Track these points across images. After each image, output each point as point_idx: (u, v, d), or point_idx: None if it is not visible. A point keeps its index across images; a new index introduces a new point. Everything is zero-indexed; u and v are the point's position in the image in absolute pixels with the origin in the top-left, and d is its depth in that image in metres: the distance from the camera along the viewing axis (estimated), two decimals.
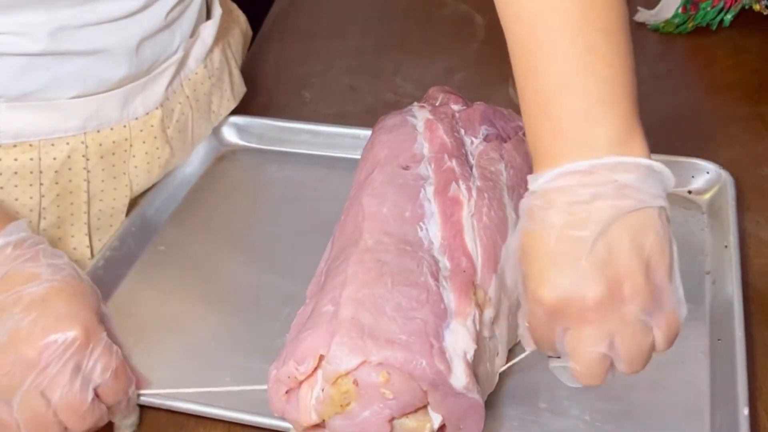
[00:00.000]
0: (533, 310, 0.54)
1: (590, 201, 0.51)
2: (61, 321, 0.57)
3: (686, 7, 1.13)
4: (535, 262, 0.53)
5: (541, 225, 0.53)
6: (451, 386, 0.55)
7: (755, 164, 0.88)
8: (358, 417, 0.55)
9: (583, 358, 0.53)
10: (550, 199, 0.53)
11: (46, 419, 0.57)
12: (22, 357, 0.56)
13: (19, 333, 0.56)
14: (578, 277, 0.51)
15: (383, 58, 1.11)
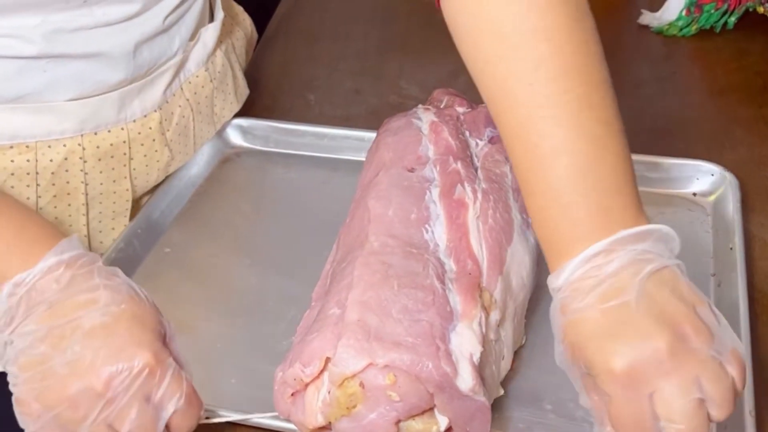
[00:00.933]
0: (613, 392, 0.50)
1: (618, 272, 0.52)
2: (126, 348, 0.54)
3: (690, 9, 1.13)
4: (588, 346, 0.51)
5: (579, 312, 0.52)
6: (457, 388, 0.55)
7: (760, 166, 0.88)
8: (364, 419, 0.55)
9: (682, 411, 0.50)
10: (576, 287, 0.52)
11: None
12: (88, 388, 0.52)
13: (82, 363, 0.53)
14: (639, 334, 0.50)
15: (387, 61, 1.11)
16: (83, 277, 0.56)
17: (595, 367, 0.51)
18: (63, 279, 0.55)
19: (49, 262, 0.55)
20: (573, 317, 0.52)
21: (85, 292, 0.55)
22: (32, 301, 0.55)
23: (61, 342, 0.53)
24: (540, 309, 0.71)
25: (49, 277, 0.55)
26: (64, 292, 0.55)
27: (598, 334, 0.51)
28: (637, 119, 0.98)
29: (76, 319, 0.54)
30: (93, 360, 0.53)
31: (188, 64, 0.83)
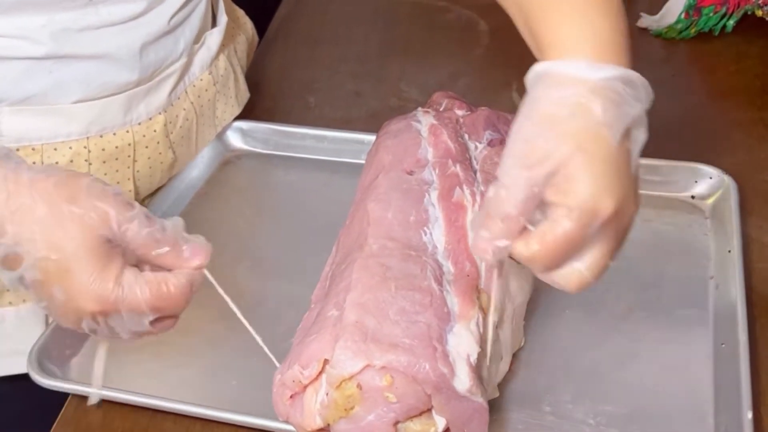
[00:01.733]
0: (583, 218, 0.52)
1: (636, 118, 0.54)
2: (70, 313, 0.56)
3: (689, 12, 1.13)
4: (598, 168, 0.52)
5: (607, 128, 0.52)
6: (454, 389, 0.55)
7: (758, 169, 0.89)
8: (362, 421, 0.56)
9: (601, 269, 0.54)
10: (607, 97, 0.53)
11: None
12: (80, 318, 0.55)
13: (55, 310, 0.56)
14: (632, 191, 0.54)
15: (387, 64, 1.11)
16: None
17: (586, 187, 0.52)
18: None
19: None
20: (596, 127, 0.52)
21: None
22: None
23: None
24: (539, 311, 0.71)
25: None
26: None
27: (611, 163, 0.53)
28: None
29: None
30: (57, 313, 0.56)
31: (193, 68, 0.84)
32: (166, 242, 0.56)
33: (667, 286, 0.74)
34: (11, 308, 0.76)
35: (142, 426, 0.65)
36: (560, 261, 0.54)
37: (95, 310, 0.54)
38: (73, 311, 0.55)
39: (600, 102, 0.53)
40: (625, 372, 0.67)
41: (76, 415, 0.66)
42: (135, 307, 0.55)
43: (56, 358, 0.69)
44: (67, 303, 0.54)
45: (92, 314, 0.54)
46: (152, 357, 0.70)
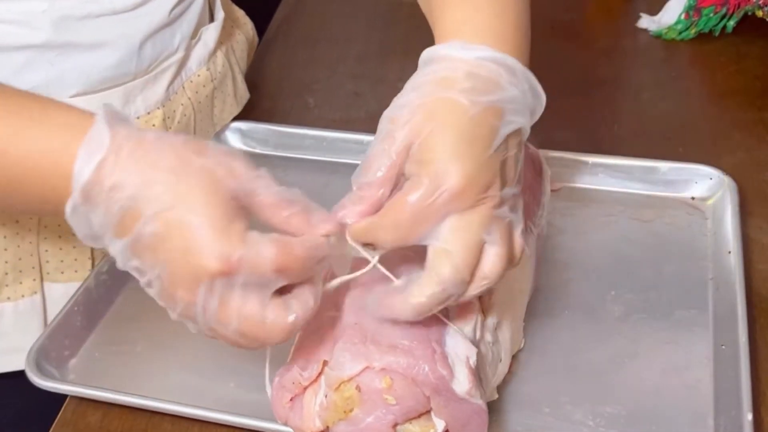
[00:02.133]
0: (430, 189, 0.51)
1: (508, 100, 0.53)
2: (192, 268, 0.49)
3: (689, 13, 1.13)
4: (447, 135, 0.51)
5: (465, 97, 0.52)
6: (453, 392, 0.55)
7: (758, 170, 0.89)
8: (361, 423, 0.55)
9: (462, 246, 0.52)
10: (476, 74, 0.53)
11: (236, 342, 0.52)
12: (181, 301, 0.50)
13: (166, 281, 0.50)
14: (488, 166, 0.52)
15: (387, 64, 1.11)
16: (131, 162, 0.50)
17: (434, 156, 0.51)
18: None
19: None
20: (453, 95, 0.52)
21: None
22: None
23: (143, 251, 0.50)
24: (539, 313, 0.71)
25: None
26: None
27: (463, 131, 0.52)
28: (635, 123, 0.98)
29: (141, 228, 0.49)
30: (171, 279, 0.50)
31: (190, 63, 0.84)
32: (298, 203, 0.52)
33: (667, 287, 0.74)
34: (9, 303, 0.76)
35: (141, 427, 0.65)
36: (408, 233, 0.52)
37: (216, 270, 0.48)
38: (191, 272, 0.48)
39: (462, 75, 0.53)
40: (624, 373, 0.67)
41: (74, 417, 0.66)
42: (258, 268, 0.49)
43: (54, 359, 0.69)
44: (185, 262, 0.48)
45: (212, 275, 0.48)
46: (151, 359, 0.70)
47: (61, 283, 0.77)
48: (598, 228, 0.81)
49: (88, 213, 0.50)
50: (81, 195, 0.49)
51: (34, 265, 0.76)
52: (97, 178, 0.49)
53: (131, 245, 0.50)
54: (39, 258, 0.76)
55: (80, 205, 0.50)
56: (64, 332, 0.70)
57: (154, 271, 0.50)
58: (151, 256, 0.49)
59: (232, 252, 0.48)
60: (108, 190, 0.49)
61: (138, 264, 0.50)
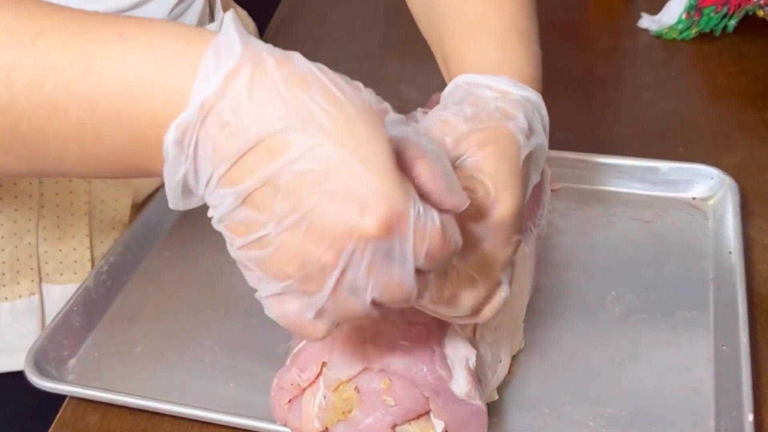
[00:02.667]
0: (480, 209, 0.49)
1: (542, 149, 0.55)
2: (353, 209, 0.39)
3: (690, 13, 1.13)
4: (507, 165, 0.50)
5: (521, 134, 0.52)
6: (452, 393, 0.55)
7: (759, 170, 0.88)
8: (360, 424, 0.55)
9: (488, 281, 0.51)
10: (524, 108, 0.54)
11: (366, 314, 0.43)
12: (317, 260, 0.40)
13: (308, 230, 0.40)
14: (523, 194, 0.52)
15: (387, 65, 1.11)
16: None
17: (494, 180, 0.50)
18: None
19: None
20: (514, 130, 0.52)
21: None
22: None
23: (273, 197, 0.40)
24: (538, 313, 0.71)
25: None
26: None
27: (517, 165, 0.51)
28: (636, 123, 0.98)
29: (279, 166, 0.39)
30: (315, 230, 0.40)
31: None
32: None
33: (668, 287, 0.74)
34: (6, 304, 0.75)
35: (140, 428, 0.65)
36: None
37: (381, 226, 0.39)
38: (344, 226, 0.39)
39: (518, 113, 0.53)
40: (625, 374, 0.67)
41: (73, 417, 0.66)
42: (432, 240, 0.40)
43: (54, 360, 0.69)
44: (342, 211, 0.38)
45: (377, 228, 0.39)
46: (150, 359, 0.70)
47: (59, 284, 0.77)
48: (599, 228, 0.81)
49: (208, 142, 0.39)
50: (198, 114, 0.38)
51: (32, 266, 0.76)
52: (223, 92, 0.38)
53: (256, 190, 0.39)
54: (38, 259, 0.76)
55: (191, 130, 0.39)
56: (63, 332, 0.70)
57: (284, 222, 0.39)
58: (288, 204, 0.39)
59: (404, 198, 0.39)
60: (241, 112, 0.38)
61: (254, 215, 0.40)
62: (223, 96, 0.38)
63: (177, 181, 0.41)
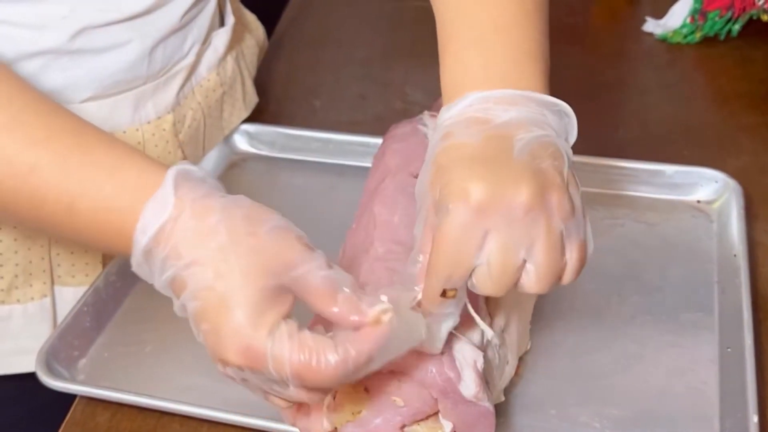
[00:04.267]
0: (453, 212, 0.49)
1: (513, 121, 0.52)
2: (220, 351, 0.50)
3: (694, 17, 1.14)
4: (459, 165, 0.51)
5: (461, 137, 0.52)
6: (461, 394, 0.55)
7: (763, 173, 0.89)
8: (369, 424, 0.56)
9: (502, 262, 0.49)
10: (469, 118, 0.53)
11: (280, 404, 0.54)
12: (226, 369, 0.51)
13: (209, 347, 0.51)
14: (511, 173, 0.50)
15: (393, 67, 1.12)
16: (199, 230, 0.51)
17: (451, 184, 0.50)
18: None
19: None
20: (453, 141, 0.52)
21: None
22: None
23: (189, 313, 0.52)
24: (545, 315, 0.71)
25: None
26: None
27: (472, 157, 0.51)
28: (641, 126, 0.99)
29: (192, 292, 0.51)
30: (217, 347, 0.51)
31: (200, 68, 0.84)
32: (345, 288, 0.50)
33: (673, 289, 0.75)
34: (19, 306, 0.76)
35: (150, 428, 0.65)
36: (460, 261, 0.50)
37: (236, 363, 0.49)
38: (220, 356, 0.50)
39: (461, 127, 0.53)
40: (630, 375, 0.67)
41: (83, 417, 0.67)
42: (278, 367, 0.48)
43: (64, 360, 0.69)
44: (216, 345, 0.50)
45: (236, 361, 0.49)
46: (160, 359, 0.70)
47: (71, 287, 0.77)
48: (604, 231, 0.81)
49: (151, 270, 0.52)
50: (143, 256, 0.51)
51: (44, 269, 0.76)
52: (155, 243, 0.51)
53: (181, 307, 0.51)
54: (50, 262, 0.76)
55: (143, 263, 0.52)
56: (73, 333, 0.71)
57: (199, 338, 0.51)
58: (194, 325, 0.51)
59: (256, 345, 0.48)
60: (162, 258, 0.50)
61: None
62: (155, 245, 0.51)
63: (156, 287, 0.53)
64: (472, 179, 0.50)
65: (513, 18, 0.58)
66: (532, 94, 0.54)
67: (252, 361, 0.49)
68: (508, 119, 0.52)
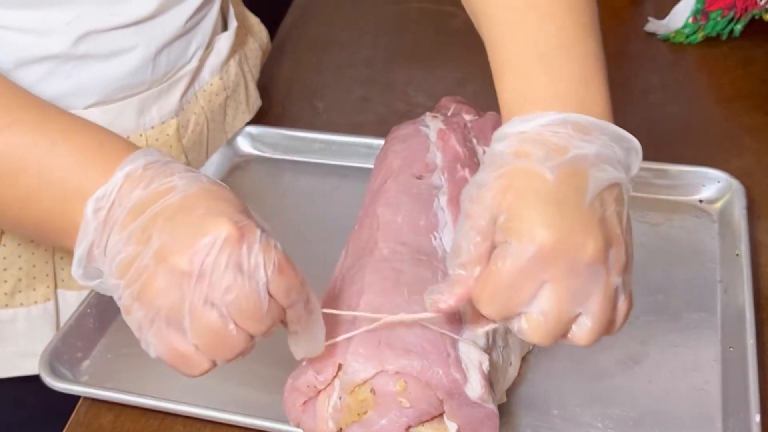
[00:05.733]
0: (516, 251, 0.49)
1: (589, 157, 0.51)
2: (206, 222, 0.50)
3: (696, 17, 1.14)
4: (530, 200, 0.50)
5: (536, 162, 0.50)
6: (466, 395, 0.55)
7: (766, 173, 0.89)
8: (375, 425, 0.56)
9: (558, 314, 0.49)
10: (546, 139, 0.52)
11: (225, 332, 0.50)
12: (174, 270, 0.49)
13: (165, 248, 0.49)
14: (581, 223, 0.49)
15: (395, 69, 1.12)
16: (160, 174, 0.53)
17: (520, 219, 0.49)
18: (143, 182, 0.53)
19: (126, 170, 0.53)
20: (530, 167, 0.51)
21: (163, 184, 0.53)
22: (116, 212, 0.53)
23: (144, 235, 0.51)
24: None
25: (128, 185, 0.53)
26: (144, 191, 0.53)
27: (546, 196, 0.50)
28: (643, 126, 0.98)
29: (154, 209, 0.51)
30: (174, 242, 0.50)
31: (203, 73, 0.84)
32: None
33: (675, 289, 0.75)
34: (22, 309, 0.76)
35: (153, 428, 0.66)
36: (507, 303, 0.50)
37: (233, 227, 0.49)
38: (203, 231, 0.49)
39: (532, 146, 0.52)
40: (632, 376, 0.67)
41: (87, 418, 0.67)
42: (264, 252, 0.50)
43: (67, 361, 0.69)
44: (198, 222, 0.50)
45: (228, 231, 0.49)
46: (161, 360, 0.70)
47: (75, 290, 0.78)
48: None
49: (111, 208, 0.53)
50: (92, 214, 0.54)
51: (48, 273, 0.76)
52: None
53: (136, 230, 0.51)
54: (54, 265, 0.76)
55: (106, 199, 0.53)
56: (76, 334, 0.71)
57: (152, 247, 0.50)
58: (156, 228, 0.50)
59: (251, 226, 0.50)
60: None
61: (135, 249, 0.51)
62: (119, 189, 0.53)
63: (85, 246, 0.54)
64: (542, 224, 0.49)
65: (574, 33, 0.58)
66: (608, 126, 0.54)
67: (246, 239, 0.50)
68: (585, 153, 0.51)
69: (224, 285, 0.49)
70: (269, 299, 0.50)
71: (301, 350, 0.55)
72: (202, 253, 0.49)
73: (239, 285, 0.49)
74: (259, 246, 0.50)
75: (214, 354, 0.51)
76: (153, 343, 0.52)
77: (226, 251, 0.49)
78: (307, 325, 0.54)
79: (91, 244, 0.53)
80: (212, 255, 0.49)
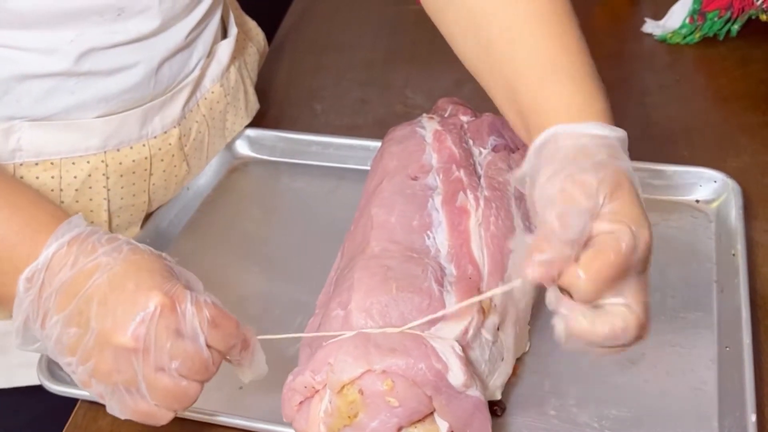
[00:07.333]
0: (631, 240, 0.53)
1: (628, 168, 0.57)
2: (138, 297, 0.55)
3: (693, 17, 1.14)
4: (633, 197, 0.55)
5: (631, 170, 0.56)
6: (451, 386, 0.56)
7: (763, 173, 0.89)
8: (366, 428, 0.56)
9: (644, 303, 0.54)
10: (612, 146, 0.57)
11: (179, 389, 0.56)
12: (121, 349, 0.54)
13: (106, 330, 0.55)
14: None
15: (393, 71, 1.12)
16: (85, 251, 0.57)
17: (631, 213, 0.54)
18: (69, 260, 0.57)
19: (52, 249, 0.57)
20: (623, 166, 0.56)
21: (88, 263, 0.57)
22: (47, 290, 0.56)
23: (82, 318, 0.55)
24: (543, 316, 0.71)
25: (56, 262, 0.57)
26: (71, 270, 0.56)
27: (637, 195, 0.55)
28: (641, 127, 0.99)
29: (85, 290, 0.56)
30: (114, 324, 0.54)
31: (204, 81, 0.84)
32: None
33: (672, 289, 0.75)
34: None
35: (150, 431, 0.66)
36: (607, 285, 0.53)
37: (161, 302, 0.54)
38: (137, 309, 0.54)
39: (622, 151, 0.57)
40: (629, 375, 0.67)
41: (85, 421, 0.67)
42: (197, 312, 0.55)
43: None
44: (131, 300, 0.54)
45: (161, 306, 0.54)
46: None
47: None
48: None
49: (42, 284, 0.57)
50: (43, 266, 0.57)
51: None
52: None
53: (74, 311, 0.56)
54: None
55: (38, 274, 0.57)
56: None
57: (96, 329, 0.55)
58: (96, 312, 0.55)
59: (180, 294, 0.55)
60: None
61: (76, 331, 0.56)
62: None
63: (21, 320, 0.57)
64: (647, 221, 0.55)
65: (577, 41, 0.64)
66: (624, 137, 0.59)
67: (178, 308, 0.55)
68: (626, 167, 0.57)
69: (169, 352, 0.55)
70: (210, 350, 0.56)
71: (248, 375, 0.60)
72: (142, 328, 0.54)
73: (182, 349, 0.55)
74: (192, 308, 0.55)
75: (173, 407, 0.57)
76: (118, 408, 0.57)
77: (163, 322, 0.54)
78: (248, 356, 0.59)
79: (26, 318, 0.57)
80: (152, 328, 0.54)
